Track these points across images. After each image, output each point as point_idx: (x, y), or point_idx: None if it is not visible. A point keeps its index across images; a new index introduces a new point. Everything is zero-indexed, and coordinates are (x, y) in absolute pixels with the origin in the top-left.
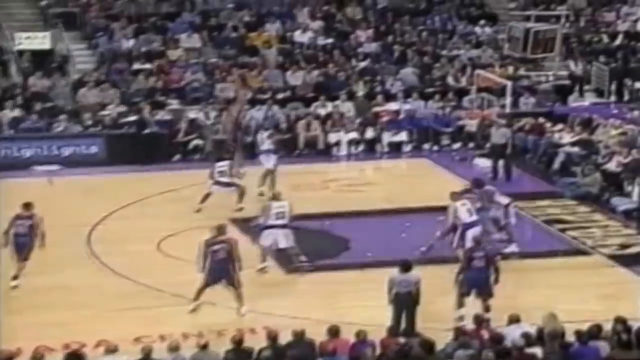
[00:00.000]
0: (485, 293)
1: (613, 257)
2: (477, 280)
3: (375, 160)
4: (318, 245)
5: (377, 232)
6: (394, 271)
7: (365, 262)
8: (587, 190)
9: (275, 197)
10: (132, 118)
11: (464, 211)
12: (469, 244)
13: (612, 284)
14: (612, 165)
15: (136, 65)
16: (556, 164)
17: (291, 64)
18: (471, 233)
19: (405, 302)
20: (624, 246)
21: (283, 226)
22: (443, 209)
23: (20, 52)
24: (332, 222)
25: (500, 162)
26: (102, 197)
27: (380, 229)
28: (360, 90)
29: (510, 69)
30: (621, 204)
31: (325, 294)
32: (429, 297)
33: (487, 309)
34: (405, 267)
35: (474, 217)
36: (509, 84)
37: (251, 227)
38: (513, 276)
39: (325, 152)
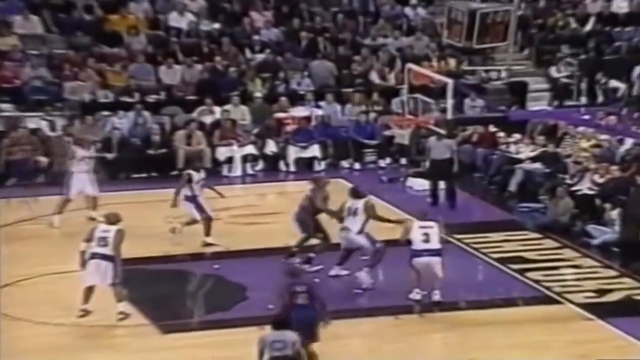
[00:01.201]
0: (309, 337)
1: (588, 307)
2: (303, 321)
3: (279, 182)
4: (206, 294)
5: (281, 277)
6: (267, 330)
7: (266, 317)
8: (554, 219)
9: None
10: None
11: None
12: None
13: (587, 343)
14: (584, 187)
15: None
16: (513, 185)
17: (165, 56)
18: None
19: None
20: (602, 292)
21: (103, 257)
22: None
23: None
24: (223, 263)
25: (442, 184)
26: None
27: (283, 272)
28: (258, 90)
29: (452, 63)
30: (598, 235)
31: None
32: None
33: (311, 357)
34: (280, 324)
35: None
36: (450, 82)
37: None
38: (460, 332)
39: (214, 172)
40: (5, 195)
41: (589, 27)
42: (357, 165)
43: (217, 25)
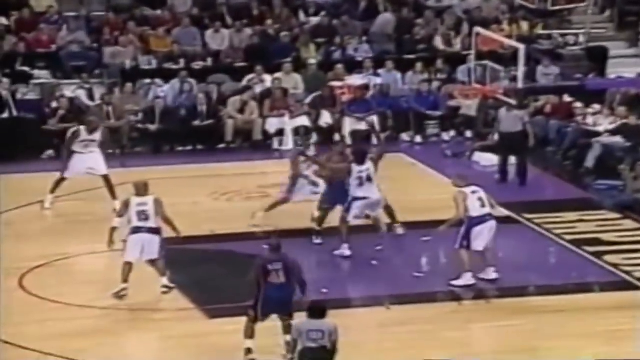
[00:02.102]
0: (285, 313)
1: None
2: (276, 299)
3: None
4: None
5: (336, 259)
6: (301, 318)
7: (320, 301)
8: (635, 198)
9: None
10: None
11: (475, 200)
12: (476, 243)
13: None
14: None
15: None
16: (590, 161)
17: (212, 19)
18: (479, 231)
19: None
20: None
21: (149, 230)
22: (430, 225)
23: None
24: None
25: (512, 159)
26: None
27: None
28: (312, 57)
29: (524, 26)
30: None
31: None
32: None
33: (288, 329)
34: (317, 311)
35: (487, 210)
36: (522, 47)
37: None
38: (530, 320)
39: (263, 145)
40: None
41: None
42: (418, 139)
43: None
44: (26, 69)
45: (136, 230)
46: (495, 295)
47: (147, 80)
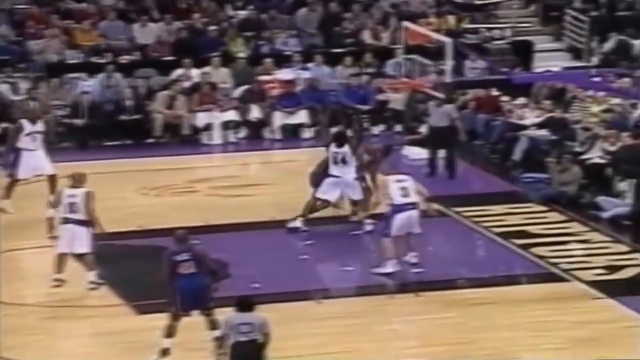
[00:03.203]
0: (203, 305)
1: (597, 285)
2: (189, 290)
3: (263, 151)
4: None
5: (266, 253)
6: (230, 311)
7: (251, 296)
8: (561, 190)
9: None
10: None
11: (397, 189)
12: (396, 231)
13: (596, 323)
14: (594, 155)
15: None
16: (517, 154)
17: (139, 12)
18: (400, 218)
19: (247, 355)
20: (612, 269)
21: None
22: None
23: None
24: (203, 238)
25: (441, 152)
26: None
27: (271, 248)
28: (240, 51)
29: (451, 20)
30: (609, 207)
31: (194, 342)
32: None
33: (213, 324)
34: (245, 304)
35: (410, 199)
36: (450, 41)
37: None
38: (457, 312)
39: (192, 140)
40: None
41: None
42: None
43: None
44: None
45: (65, 221)
46: (425, 288)
47: (73, 75)
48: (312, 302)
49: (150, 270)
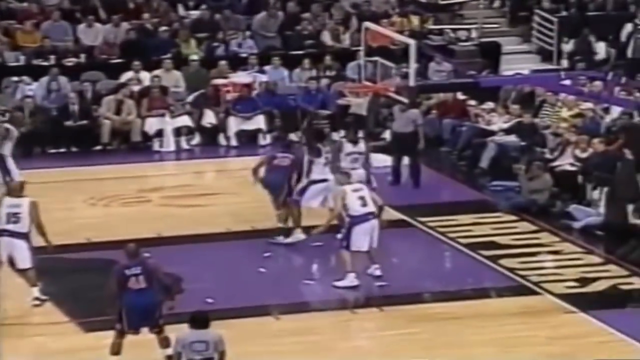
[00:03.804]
0: (153, 322)
1: (569, 298)
2: (139, 307)
3: (219, 158)
4: None
5: (222, 267)
6: (185, 328)
7: (205, 312)
8: (531, 199)
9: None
10: None
11: (355, 199)
12: (358, 244)
13: (569, 338)
14: (564, 162)
15: None
16: (485, 161)
17: (85, 12)
18: (360, 230)
19: None
20: (585, 281)
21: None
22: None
23: None
24: (155, 251)
25: (405, 159)
26: None
27: (227, 261)
28: (193, 53)
29: (415, 21)
30: (581, 217)
31: None
32: None
33: (165, 342)
34: (199, 320)
35: (368, 209)
36: (413, 43)
37: None
38: (423, 327)
39: (142, 147)
40: None
41: None
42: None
43: None
44: None
45: (2, 233)
46: (389, 302)
47: (15, 78)
48: (270, 317)
49: (99, 285)
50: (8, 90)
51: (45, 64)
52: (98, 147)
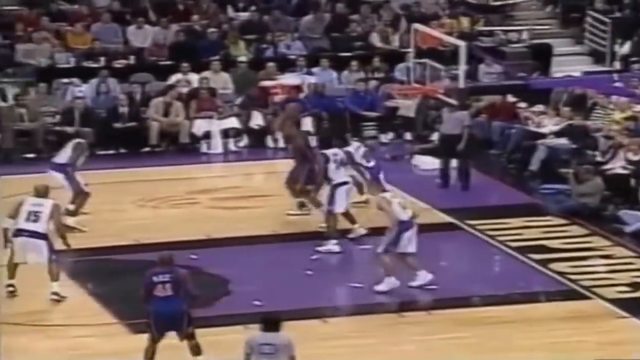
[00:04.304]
0: (179, 328)
1: (621, 303)
2: (164, 314)
3: (266, 160)
4: None
5: (269, 269)
6: (255, 331)
7: (252, 314)
8: (581, 203)
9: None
10: None
11: (397, 204)
12: (410, 246)
13: (620, 344)
14: (616, 165)
15: None
16: (535, 164)
17: (135, 14)
18: (409, 235)
19: None
20: (636, 285)
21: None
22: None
23: None
24: (202, 253)
25: (453, 162)
26: None
27: (275, 263)
28: (242, 55)
29: (465, 22)
30: (632, 221)
31: None
32: None
33: (196, 350)
34: (270, 323)
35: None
36: (463, 44)
37: None
38: (472, 332)
39: (190, 149)
40: None
41: None
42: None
43: None
44: None
45: (20, 233)
46: (437, 306)
47: (65, 80)
48: (318, 320)
49: None
50: (58, 91)
51: (95, 65)
52: (146, 149)
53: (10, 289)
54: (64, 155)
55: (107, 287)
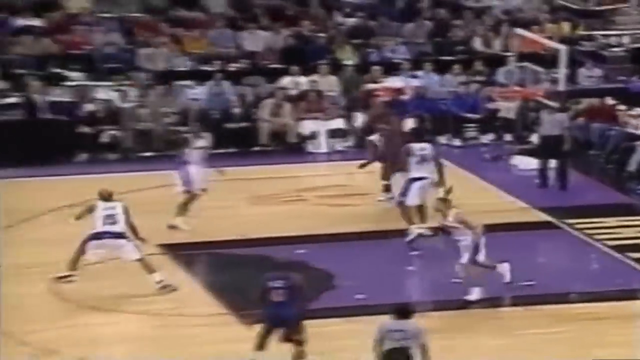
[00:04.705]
0: (291, 328)
1: None
2: (277, 318)
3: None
4: None
5: (372, 264)
6: (386, 319)
7: (355, 307)
8: None
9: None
10: (13, 100)
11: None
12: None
13: None
14: None
15: (19, 21)
16: (633, 164)
17: (248, 20)
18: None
19: None
20: None
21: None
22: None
23: None
24: (308, 248)
25: (552, 162)
26: None
27: (377, 258)
28: (348, 59)
29: (566, 27)
30: None
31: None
32: None
33: (300, 354)
34: (401, 311)
35: None
36: (564, 49)
37: None
38: (570, 327)
39: (297, 148)
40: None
41: None
42: (456, 142)
43: None
44: (59, 70)
45: (101, 235)
46: (535, 301)
47: (181, 82)
48: (417, 314)
49: (256, 280)
50: (175, 93)
51: (210, 69)
52: (256, 148)
53: (70, 278)
54: (185, 154)
55: (218, 279)
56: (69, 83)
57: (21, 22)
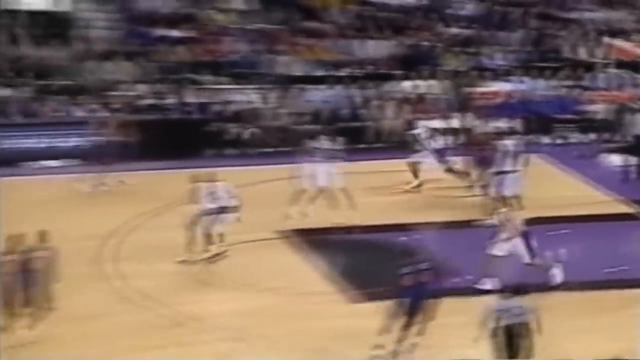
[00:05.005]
0: (425, 314)
1: None
2: (411, 301)
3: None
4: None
5: (477, 249)
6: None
7: (463, 288)
8: None
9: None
10: (168, 100)
11: None
12: None
13: None
14: None
15: (173, 33)
16: None
17: (372, 31)
18: None
19: (519, 335)
20: None
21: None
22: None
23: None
24: (419, 235)
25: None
26: (118, 202)
27: (480, 244)
28: (458, 65)
29: None
30: None
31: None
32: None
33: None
34: (519, 291)
35: None
36: None
37: None
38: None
39: (407, 146)
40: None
41: None
42: (558, 142)
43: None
44: (210, 77)
45: (209, 211)
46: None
47: (314, 86)
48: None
49: (373, 262)
50: (307, 96)
51: (339, 74)
52: (378, 145)
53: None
54: (313, 150)
55: (336, 262)
56: (207, 86)
57: (175, 33)
